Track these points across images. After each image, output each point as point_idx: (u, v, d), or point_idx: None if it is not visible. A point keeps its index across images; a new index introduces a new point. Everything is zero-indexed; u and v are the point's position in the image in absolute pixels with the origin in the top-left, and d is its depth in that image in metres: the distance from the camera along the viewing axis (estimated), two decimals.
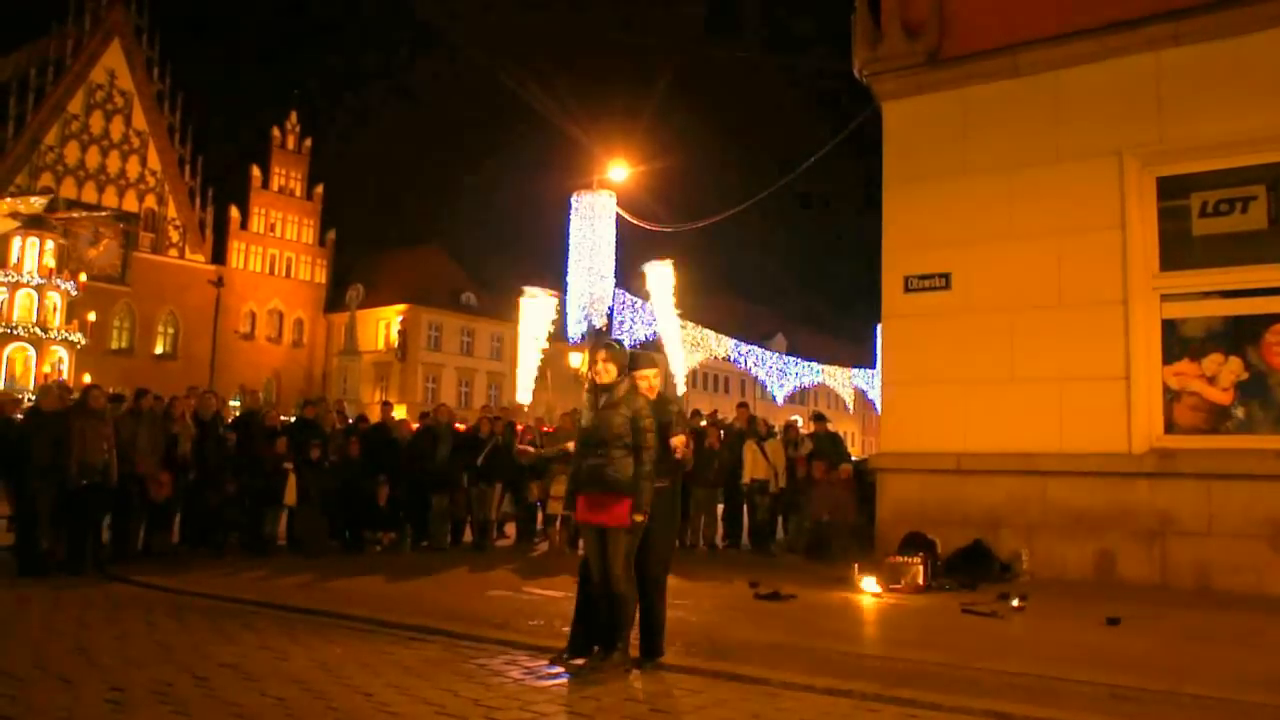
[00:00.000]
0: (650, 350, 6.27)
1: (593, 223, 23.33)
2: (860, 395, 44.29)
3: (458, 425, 12.24)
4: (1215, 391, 8.54)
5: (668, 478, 5.12)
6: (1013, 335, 9.21)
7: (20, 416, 9.65)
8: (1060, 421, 8.85)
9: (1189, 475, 8.26)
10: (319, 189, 55.38)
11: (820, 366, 40.90)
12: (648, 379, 5.20)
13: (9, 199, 35.86)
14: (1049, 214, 9.13)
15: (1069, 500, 8.71)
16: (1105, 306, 8.79)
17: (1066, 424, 8.82)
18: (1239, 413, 8.46)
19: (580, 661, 4.97)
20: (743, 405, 13.50)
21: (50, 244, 36.75)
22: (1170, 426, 8.66)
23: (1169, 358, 8.72)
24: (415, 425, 12.18)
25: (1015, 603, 6.99)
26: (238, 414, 11.71)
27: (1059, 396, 8.90)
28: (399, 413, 13.99)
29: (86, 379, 24.34)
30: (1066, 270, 9.01)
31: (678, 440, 5.11)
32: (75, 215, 40.63)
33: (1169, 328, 8.75)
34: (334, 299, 55.65)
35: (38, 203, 35.47)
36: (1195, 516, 8.18)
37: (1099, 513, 8.56)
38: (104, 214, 44.70)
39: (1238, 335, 8.50)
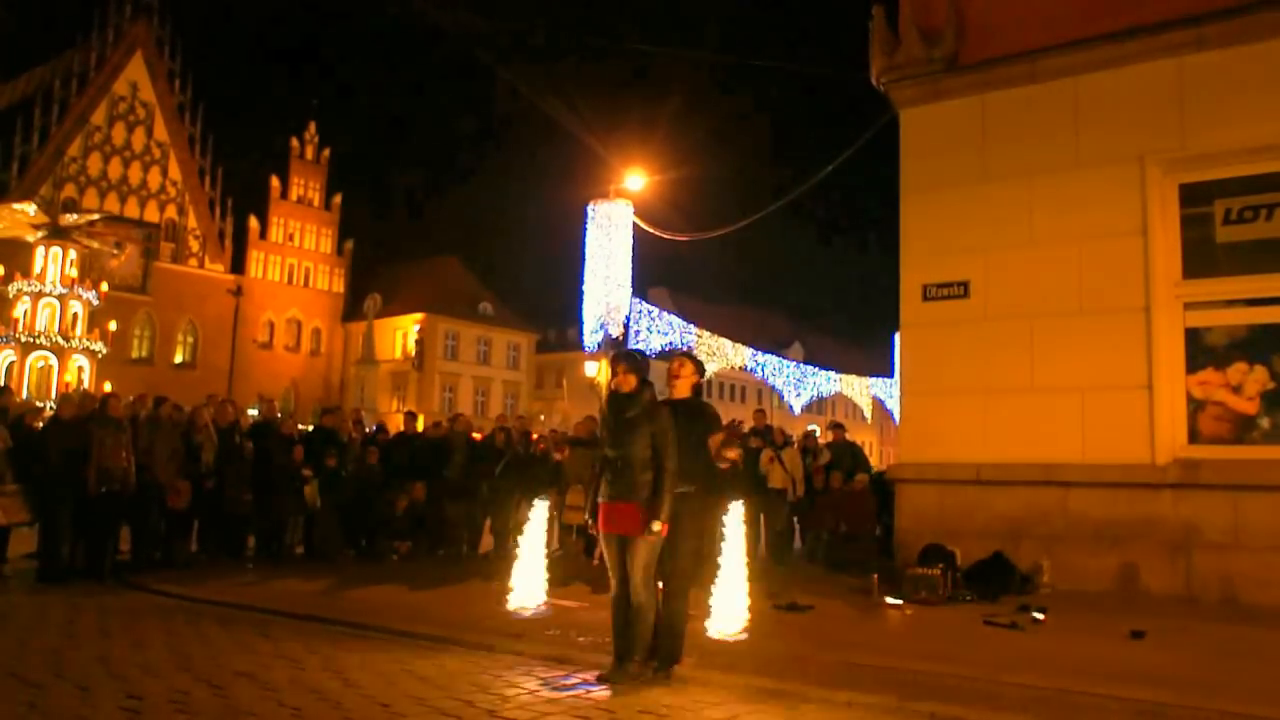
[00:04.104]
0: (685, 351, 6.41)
1: (609, 232, 23.35)
2: (878, 404, 44.00)
3: (474, 434, 12.25)
4: (1240, 401, 8.42)
5: (692, 484, 5.08)
6: (1033, 344, 9.12)
7: (40, 425, 9.73)
8: (1082, 431, 8.74)
9: (1214, 486, 8.13)
10: (337, 199, 55.79)
11: (838, 375, 40.65)
12: (680, 374, 5.23)
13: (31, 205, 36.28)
14: (1069, 221, 9.05)
15: (1091, 511, 8.60)
16: (1127, 314, 8.69)
17: (1088, 434, 8.71)
18: (1264, 423, 8.32)
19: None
20: (759, 413, 13.47)
21: (73, 254, 37.14)
22: (1194, 437, 8.53)
23: (1192, 367, 8.60)
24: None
25: (1037, 615, 6.90)
26: (255, 422, 11.76)
27: (1080, 406, 8.79)
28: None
29: (107, 387, 24.54)
30: (1087, 278, 8.91)
31: (716, 439, 5.07)
32: (97, 225, 41.03)
33: (1192, 336, 8.64)
34: (351, 308, 56.00)
35: (32, 210, 35.79)
36: (1221, 528, 8.05)
37: (1122, 524, 8.44)
38: (126, 224, 45.17)
39: (1263, 344, 8.37)
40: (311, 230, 55.02)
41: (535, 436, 12.65)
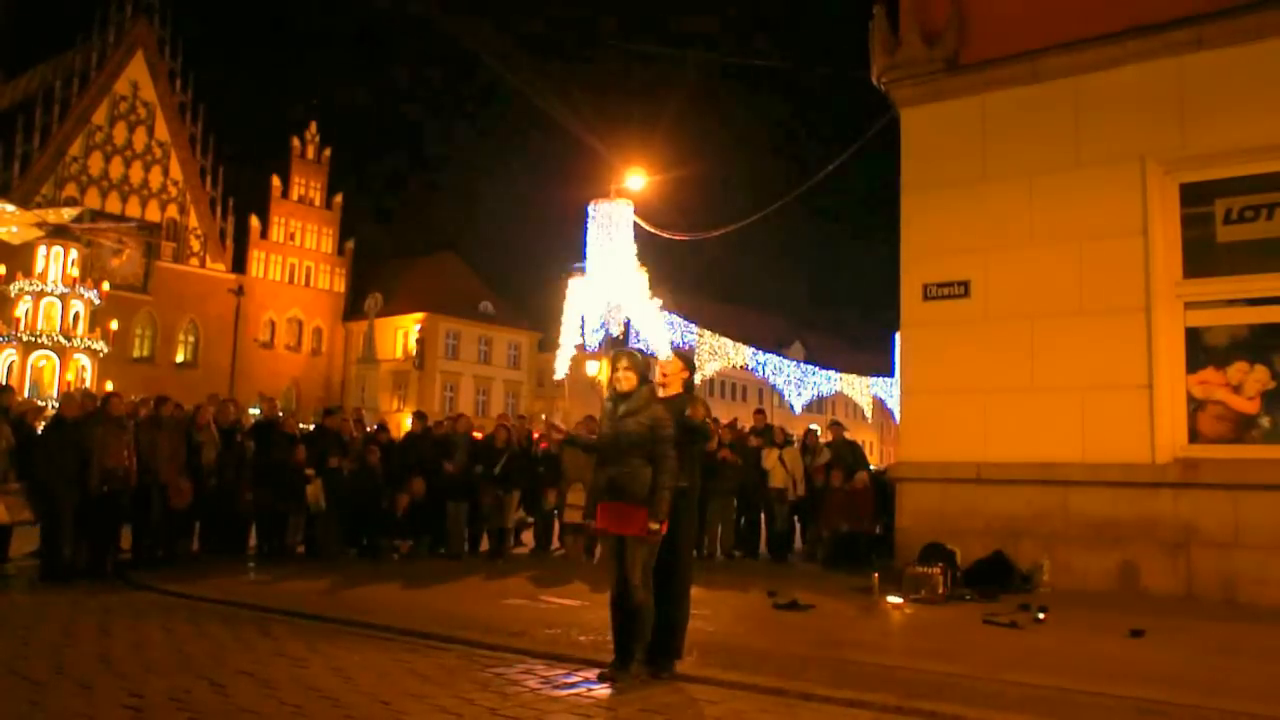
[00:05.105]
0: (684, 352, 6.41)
1: (610, 231, 23.34)
2: (879, 404, 44.03)
3: (475, 433, 12.26)
4: (1240, 400, 8.42)
5: (688, 478, 5.09)
6: (1033, 343, 9.12)
7: (42, 424, 9.75)
8: (1082, 431, 8.75)
9: (1214, 486, 8.14)
10: (338, 198, 55.78)
11: (838, 375, 40.68)
12: (668, 372, 5.24)
13: (38, 210, 36.33)
14: (1070, 220, 9.05)
15: (1091, 511, 8.61)
16: (1127, 314, 8.70)
17: (1088, 433, 8.72)
18: (1265, 422, 8.33)
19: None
20: (759, 412, 13.47)
21: (74, 253, 37.19)
22: (1194, 436, 8.54)
23: (1193, 366, 8.61)
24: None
25: (1037, 614, 6.90)
26: (257, 421, 11.78)
27: (1081, 405, 8.80)
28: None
29: (109, 387, 24.57)
30: (1088, 277, 8.92)
31: (696, 411, 5.06)
32: (99, 225, 41.08)
33: (1193, 336, 8.65)
34: (352, 307, 55.99)
35: (69, 215, 35.90)
36: (1221, 527, 8.06)
37: (1122, 523, 8.45)
38: (127, 224, 45.20)
39: (1263, 343, 8.38)
40: (312, 229, 55.01)
41: (536, 435, 12.66)
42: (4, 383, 21.40)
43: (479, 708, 4.28)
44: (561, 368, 23.39)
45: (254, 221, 52.18)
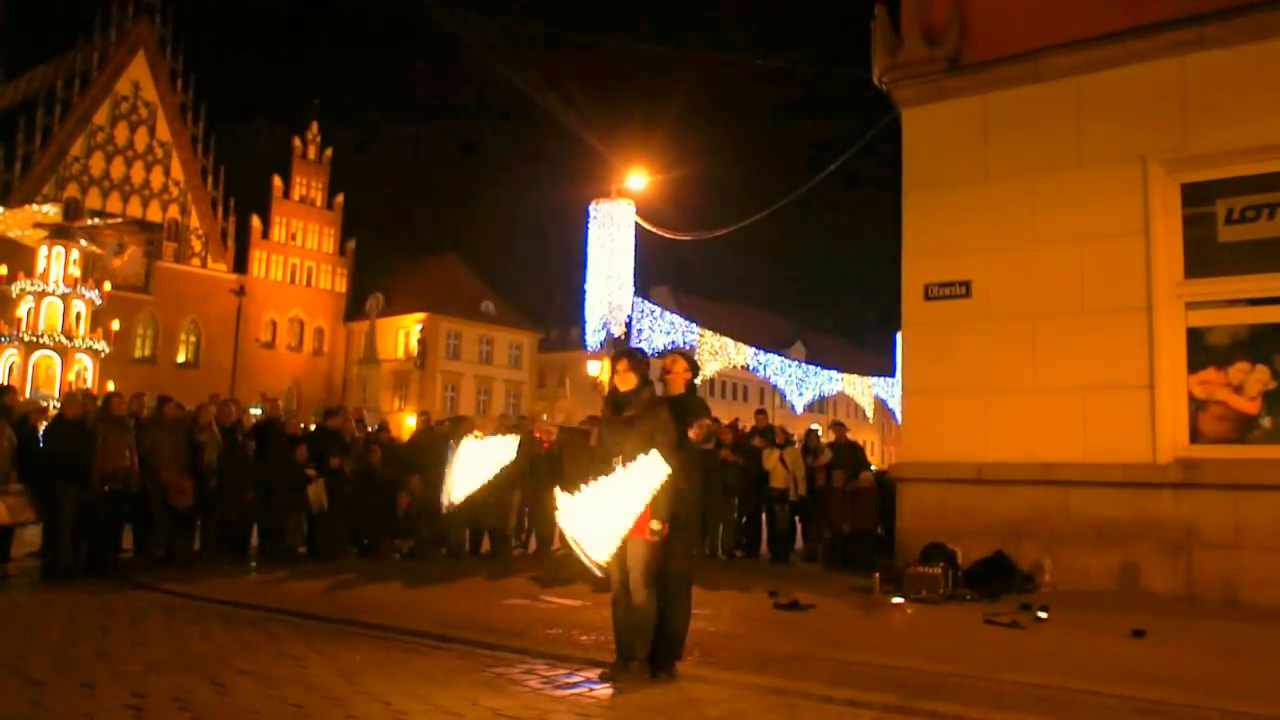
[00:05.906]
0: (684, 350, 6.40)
1: (611, 231, 23.40)
2: (880, 404, 44.04)
3: (475, 433, 12.25)
4: (1242, 401, 8.42)
5: (689, 478, 5.08)
6: (1034, 343, 9.12)
7: (44, 425, 9.75)
8: (1083, 431, 8.75)
9: (1215, 486, 8.13)
10: (339, 198, 55.79)
11: (840, 375, 40.69)
12: (672, 369, 5.23)
13: (27, 208, 36.33)
14: (1071, 220, 9.05)
15: (1092, 511, 8.60)
16: (1129, 314, 8.69)
17: (1089, 433, 8.72)
18: (1266, 422, 8.32)
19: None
20: (761, 412, 13.47)
21: (75, 253, 37.19)
22: (1195, 436, 8.53)
23: (1194, 366, 8.60)
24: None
25: (1038, 614, 6.90)
26: (258, 421, 11.78)
27: (1082, 405, 8.80)
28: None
29: (110, 387, 24.57)
30: (1089, 277, 8.92)
31: (694, 431, 5.04)
32: (99, 224, 41.10)
33: (1194, 336, 8.64)
34: (354, 308, 56.01)
35: (52, 211, 35.88)
36: (1222, 528, 8.05)
37: (1123, 524, 8.44)
38: (127, 223, 45.22)
39: (1265, 343, 8.37)
40: (314, 230, 55.03)
41: (538, 435, 12.67)
42: (6, 383, 21.44)
43: (481, 708, 4.29)
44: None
45: (255, 222, 52.21)
